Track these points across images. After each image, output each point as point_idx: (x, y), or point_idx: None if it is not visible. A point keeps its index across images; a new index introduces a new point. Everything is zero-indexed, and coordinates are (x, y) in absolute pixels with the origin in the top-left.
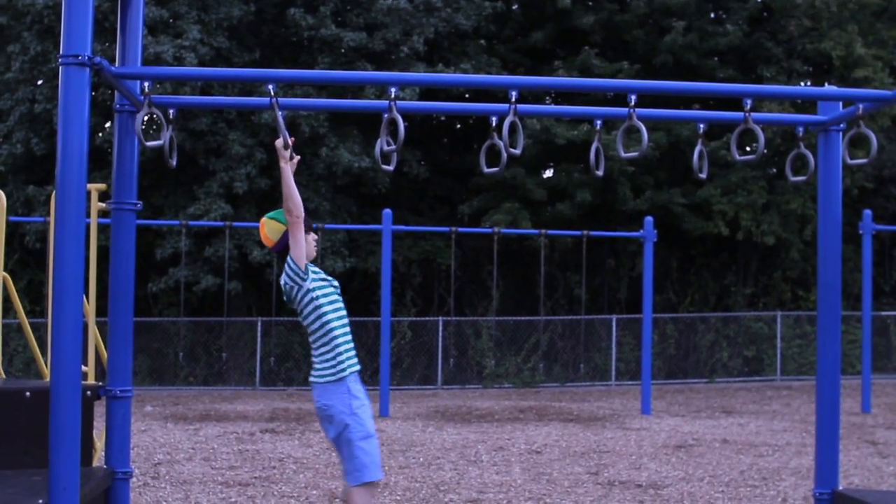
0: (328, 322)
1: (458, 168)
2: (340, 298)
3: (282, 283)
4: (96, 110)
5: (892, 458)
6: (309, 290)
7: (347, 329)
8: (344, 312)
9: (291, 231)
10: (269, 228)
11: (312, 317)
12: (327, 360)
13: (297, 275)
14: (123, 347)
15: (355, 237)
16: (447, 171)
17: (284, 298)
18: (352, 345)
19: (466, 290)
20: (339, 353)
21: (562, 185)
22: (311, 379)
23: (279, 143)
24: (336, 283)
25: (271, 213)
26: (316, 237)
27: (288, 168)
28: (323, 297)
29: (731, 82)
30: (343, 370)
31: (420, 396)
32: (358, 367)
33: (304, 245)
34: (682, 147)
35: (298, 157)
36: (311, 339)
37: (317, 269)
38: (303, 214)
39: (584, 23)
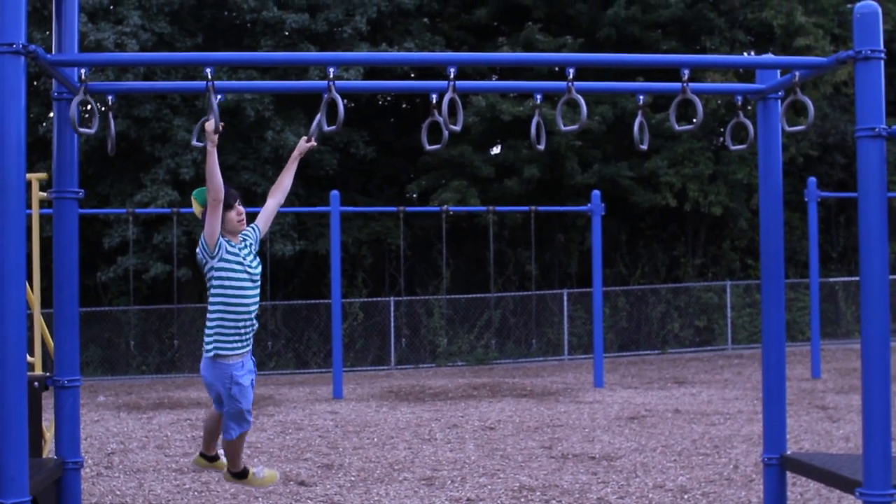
0: (217, 303)
1: (406, 148)
2: (249, 284)
3: (196, 253)
4: (38, 100)
5: (841, 423)
6: (213, 268)
7: (237, 314)
8: (244, 298)
9: (209, 211)
10: (200, 201)
11: (211, 293)
12: (207, 336)
13: (206, 252)
14: (70, 337)
15: (304, 220)
16: (394, 152)
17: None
18: (236, 330)
19: (417, 269)
20: (216, 334)
21: (509, 162)
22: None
23: (210, 125)
24: (254, 269)
25: (200, 189)
26: (239, 211)
27: (214, 152)
28: (225, 279)
29: (673, 54)
30: (211, 350)
31: (374, 377)
32: (237, 353)
33: (217, 226)
34: (627, 120)
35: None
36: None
37: (238, 249)
38: (221, 198)
39: None
